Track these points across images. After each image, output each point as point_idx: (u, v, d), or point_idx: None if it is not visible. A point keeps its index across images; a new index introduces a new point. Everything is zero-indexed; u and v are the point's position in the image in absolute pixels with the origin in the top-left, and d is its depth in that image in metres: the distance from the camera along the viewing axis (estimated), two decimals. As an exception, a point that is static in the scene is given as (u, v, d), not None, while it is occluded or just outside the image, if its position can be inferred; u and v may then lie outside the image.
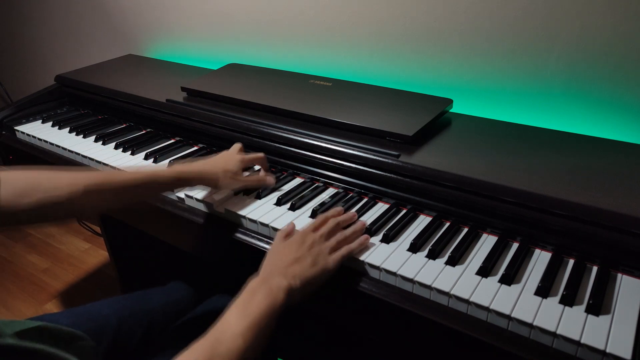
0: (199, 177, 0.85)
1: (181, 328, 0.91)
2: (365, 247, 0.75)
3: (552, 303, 0.63)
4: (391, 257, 0.72)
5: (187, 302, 1.00)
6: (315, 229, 0.75)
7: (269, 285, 0.64)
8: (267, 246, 0.81)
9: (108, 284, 1.91)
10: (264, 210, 0.85)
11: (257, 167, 0.99)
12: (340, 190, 0.91)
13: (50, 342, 0.46)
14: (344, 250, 0.72)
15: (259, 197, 0.89)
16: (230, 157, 0.90)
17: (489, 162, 0.83)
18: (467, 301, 0.64)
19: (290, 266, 0.68)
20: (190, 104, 1.14)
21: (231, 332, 0.57)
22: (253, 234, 0.84)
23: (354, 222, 0.80)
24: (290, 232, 0.76)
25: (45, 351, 0.40)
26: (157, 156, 1.05)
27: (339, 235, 0.74)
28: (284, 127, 0.99)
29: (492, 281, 0.67)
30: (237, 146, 0.95)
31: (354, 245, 0.74)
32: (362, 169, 0.88)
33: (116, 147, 1.11)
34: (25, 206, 0.66)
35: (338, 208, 0.82)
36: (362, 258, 0.72)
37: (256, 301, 0.61)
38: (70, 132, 1.21)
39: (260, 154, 0.94)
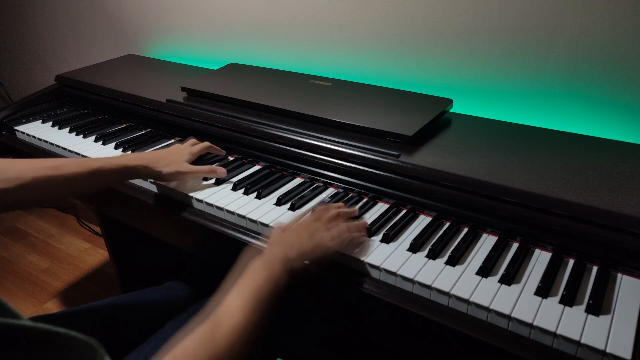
0: (144, 169, 0.87)
1: (177, 326, 0.91)
2: (365, 247, 0.75)
3: (552, 303, 0.63)
4: (391, 257, 0.72)
5: (185, 302, 1.00)
6: (316, 218, 0.74)
7: (265, 256, 0.63)
8: (265, 245, 0.81)
9: (108, 283, 1.91)
10: (264, 210, 0.85)
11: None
12: (340, 190, 0.91)
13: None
14: (344, 234, 0.72)
15: (259, 196, 0.89)
16: (178, 149, 0.94)
17: (489, 162, 0.83)
18: (467, 301, 0.64)
19: (287, 237, 0.68)
20: (190, 104, 1.14)
21: (230, 308, 0.57)
22: (253, 234, 0.84)
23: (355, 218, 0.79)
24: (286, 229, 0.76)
25: (68, 334, 0.39)
26: (157, 156, 1.05)
27: (342, 225, 0.74)
28: (284, 127, 0.99)
29: (492, 281, 0.67)
30: (189, 140, 1.00)
31: (355, 233, 0.73)
32: (362, 169, 0.88)
33: (116, 147, 1.11)
34: None
35: (339, 203, 0.82)
36: (362, 258, 0.72)
37: (252, 274, 0.61)
38: (70, 132, 1.21)
39: (206, 143, 0.99)
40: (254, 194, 0.90)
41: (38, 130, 1.23)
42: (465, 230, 0.78)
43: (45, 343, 0.38)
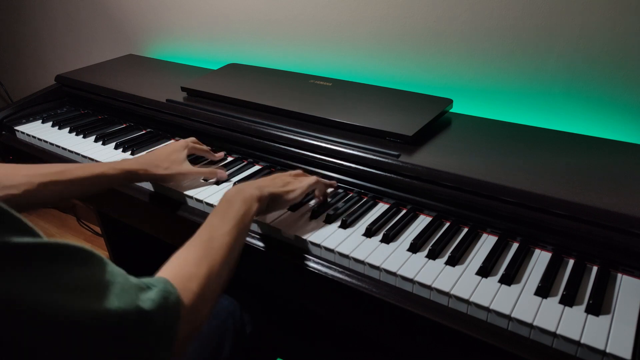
0: (145, 172, 0.89)
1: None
2: (365, 247, 0.74)
3: (552, 303, 0.63)
4: (391, 257, 0.72)
5: None
6: (293, 175, 0.85)
7: (243, 195, 0.73)
8: (265, 245, 0.81)
9: (108, 283, 1.90)
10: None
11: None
12: (340, 191, 0.91)
13: None
14: (311, 178, 0.84)
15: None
16: (176, 148, 0.95)
17: (489, 162, 0.83)
18: (467, 301, 0.64)
19: (262, 182, 0.79)
20: (190, 104, 1.14)
21: (220, 231, 0.66)
22: (252, 234, 0.83)
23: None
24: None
25: (71, 245, 0.44)
26: (157, 156, 1.05)
27: (312, 178, 0.85)
28: (284, 127, 0.99)
29: (492, 281, 0.67)
30: (188, 139, 1.00)
31: (323, 180, 0.86)
32: (362, 169, 0.88)
33: (116, 147, 1.11)
34: None
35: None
36: (362, 258, 0.72)
37: (234, 208, 0.70)
38: (70, 132, 1.21)
39: (192, 140, 1.01)
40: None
41: (38, 130, 1.23)
42: (465, 230, 0.78)
43: (58, 256, 0.43)
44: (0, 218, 0.40)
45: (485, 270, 0.68)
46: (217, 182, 0.95)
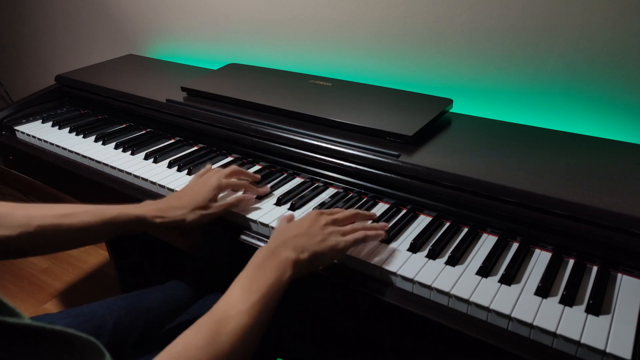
0: (164, 220, 0.77)
1: (179, 326, 0.91)
2: (365, 247, 0.74)
3: (552, 303, 0.63)
4: (391, 257, 0.72)
5: (186, 301, 1.00)
6: (331, 213, 0.73)
7: (277, 259, 0.62)
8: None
9: (108, 283, 1.91)
10: (264, 210, 0.85)
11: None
12: (341, 190, 0.91)
13: None
14: (359, 233, 0.70)
15: (259, 197, 0.89)
16: (203, 186, 0.83)
17: (489, 162, 0.83)
18: (467, 301, 0.64)
19: (300, 239, 0.66)
20: (190, 104, 1.14)
21: (236, 310, 0.56)
22: (253, 234, 0.84)
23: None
24: (291, 218, 0.76)
25: (66, 332, 0.39)
26: (157, 156, 1.05)
27: (357, 224, 0.72)
28: (284, 127, 0.99)
29: (492, 281, 0.67)
30: (223, 173, 0.86)
31: (371, 232, 0.71)
32: (362, 169, 0.88)
33: (116, 147, 1.11)
34: None
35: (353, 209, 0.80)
36: (362, 258, 0.72)
37: (263, 276, 0.59)
38: (70, 132, 1.21)
39: (233, 168, 0.88)
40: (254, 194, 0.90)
41: (38, 130, 1.23)
42: (465, 230, 0.78)
43: (43, 341, 0.38)
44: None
45: (485, 270, 0.68)
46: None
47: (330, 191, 0.92)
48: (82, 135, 1.19)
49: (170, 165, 1.02)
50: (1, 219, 0.67)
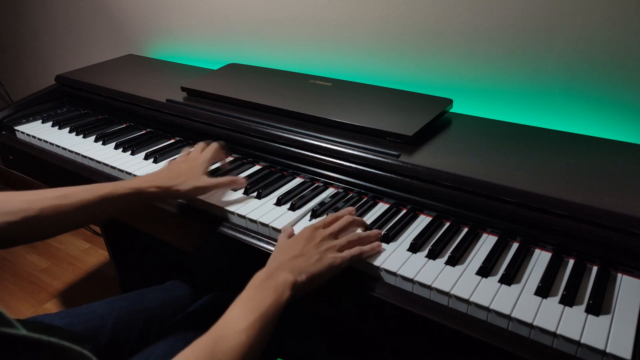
0: (159, 190, 0.81)
1: (178, 325, 0.91)
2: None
3: (552, 303, 0.63)
4: (391, 257, 0.72)
5: (185, 301, 1.00)
6: (326, 225, 0.73)
7: (275, 281, 0.63)
8: (266, 245, 0.81)
9: (108, 283, 1.91)
10: (264, 210, 0.85)
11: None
12: (340, 190, 0.91)
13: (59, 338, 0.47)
14: (354, 250, 0.71)
15: (259, 196, 0.89)
16: (191, 160, 0.87)
17: (489, 162, 0.83)
18: (467, 301, 0.64)
19: (297, 261, 0.67)
20: (190, 104, 1.14)
21: (234, 329, 0.56)
22: (253, 234, 0.84)
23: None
24: (291, 233, 0.76)
25: (59, 344, 0.40)
26: (157, 156, 1.05)
27: (352, 235, 0.73)
28: (284, 127, 0.99)
29: (492, 281, 0.67)
30: (198, 146, 0.92)
31: (366, 247, 0.72)
32: (362, 169, 0.88)
33: (116, 147, 1.11)
34: None
35: (349, 208, 0.80)
36: (362, 258, 0.72)
37: (261, 297, 0.60)
38: (70, 132, 1.21)
39: (214, 145, 0.93)
40: (254, 194, 0.90)
41: (38, 130, 1.23)
42: (465, 230, 0.78)
43: (39, 352, 0.39)
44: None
45: (485, 270, 0.68)
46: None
47: (330, 191, 0.92)
48: (82, 135, 1.19)
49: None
50: (3, 205, 0.68)
